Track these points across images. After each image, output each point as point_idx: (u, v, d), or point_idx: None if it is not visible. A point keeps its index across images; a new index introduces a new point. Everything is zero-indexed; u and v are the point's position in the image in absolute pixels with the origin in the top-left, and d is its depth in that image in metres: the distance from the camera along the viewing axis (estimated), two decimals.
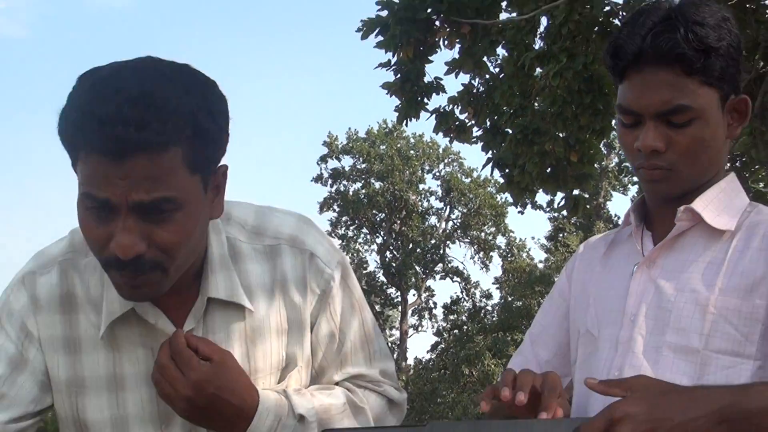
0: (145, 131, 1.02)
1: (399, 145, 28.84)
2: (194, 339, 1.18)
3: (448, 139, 5.62)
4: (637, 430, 1.01)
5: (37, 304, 1.24)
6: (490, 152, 5.68)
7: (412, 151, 28.75)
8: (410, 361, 28.28)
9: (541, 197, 9.12)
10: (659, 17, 1.28)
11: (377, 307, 27.28)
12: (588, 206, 5.91)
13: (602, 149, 5.43)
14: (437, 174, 29.50)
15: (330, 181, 29.01)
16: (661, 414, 1.03)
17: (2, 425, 1.20)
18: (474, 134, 5.74)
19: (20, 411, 1.22)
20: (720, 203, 1.34)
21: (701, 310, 1.27)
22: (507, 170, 5.47)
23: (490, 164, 5.61)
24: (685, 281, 1.30)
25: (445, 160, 28.49)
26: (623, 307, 1.35)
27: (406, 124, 5.83)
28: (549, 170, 5.28)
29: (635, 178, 20.16)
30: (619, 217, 22.58)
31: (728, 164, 5.44)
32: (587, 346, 1.41)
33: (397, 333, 28.44)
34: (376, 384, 1.37)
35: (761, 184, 5.38)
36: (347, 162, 29.33)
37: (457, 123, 5.66)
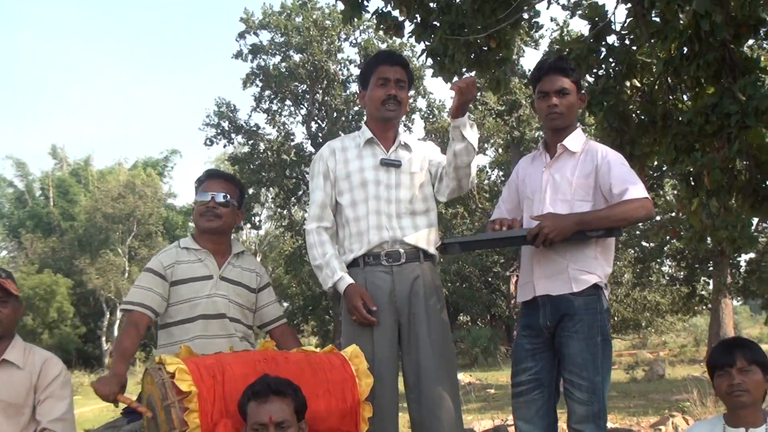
0: (402, 59, 3.38)
1: (315, 16, 28.80)
2: None
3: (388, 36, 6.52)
4: (548, 229, 2.67)
5: (332, 151, 3.34)
6: (423, 43, 6.68)
7: (327, 21, 28.75)
8: None
9: None
10: (553, 59, 2.89)
11: (307, 177, 27.84)
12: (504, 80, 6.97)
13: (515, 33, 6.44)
14: (354, 42, 29.85)
15: (250, 57, 29.06)
16: (556, 223, 2.70)
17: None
18: (407, 29, 6.68)
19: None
20: (575, 141, 2.94)
21: (570, 185, 2.89)
22: (438, 59, 6.49)
23: (424, 54, 6.62)
24: (563, 174, 2.93)
25: (361, 27, 28.61)
26: (540, 185, 2.96)
27: (351, 24, 6.66)
28: (473, 57, 6.37)
29: (545, 32, 23.75)
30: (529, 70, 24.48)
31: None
32: (528, 202, 3.02)
33: None
34: None
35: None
36: (265, 37, 29.38)
37: (394, 22, 6.59)
